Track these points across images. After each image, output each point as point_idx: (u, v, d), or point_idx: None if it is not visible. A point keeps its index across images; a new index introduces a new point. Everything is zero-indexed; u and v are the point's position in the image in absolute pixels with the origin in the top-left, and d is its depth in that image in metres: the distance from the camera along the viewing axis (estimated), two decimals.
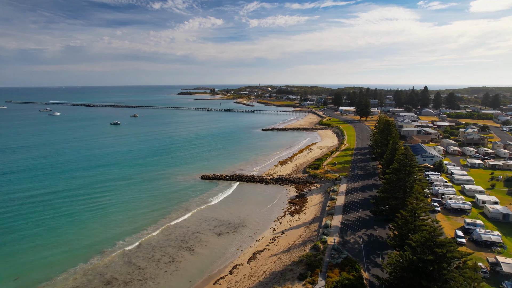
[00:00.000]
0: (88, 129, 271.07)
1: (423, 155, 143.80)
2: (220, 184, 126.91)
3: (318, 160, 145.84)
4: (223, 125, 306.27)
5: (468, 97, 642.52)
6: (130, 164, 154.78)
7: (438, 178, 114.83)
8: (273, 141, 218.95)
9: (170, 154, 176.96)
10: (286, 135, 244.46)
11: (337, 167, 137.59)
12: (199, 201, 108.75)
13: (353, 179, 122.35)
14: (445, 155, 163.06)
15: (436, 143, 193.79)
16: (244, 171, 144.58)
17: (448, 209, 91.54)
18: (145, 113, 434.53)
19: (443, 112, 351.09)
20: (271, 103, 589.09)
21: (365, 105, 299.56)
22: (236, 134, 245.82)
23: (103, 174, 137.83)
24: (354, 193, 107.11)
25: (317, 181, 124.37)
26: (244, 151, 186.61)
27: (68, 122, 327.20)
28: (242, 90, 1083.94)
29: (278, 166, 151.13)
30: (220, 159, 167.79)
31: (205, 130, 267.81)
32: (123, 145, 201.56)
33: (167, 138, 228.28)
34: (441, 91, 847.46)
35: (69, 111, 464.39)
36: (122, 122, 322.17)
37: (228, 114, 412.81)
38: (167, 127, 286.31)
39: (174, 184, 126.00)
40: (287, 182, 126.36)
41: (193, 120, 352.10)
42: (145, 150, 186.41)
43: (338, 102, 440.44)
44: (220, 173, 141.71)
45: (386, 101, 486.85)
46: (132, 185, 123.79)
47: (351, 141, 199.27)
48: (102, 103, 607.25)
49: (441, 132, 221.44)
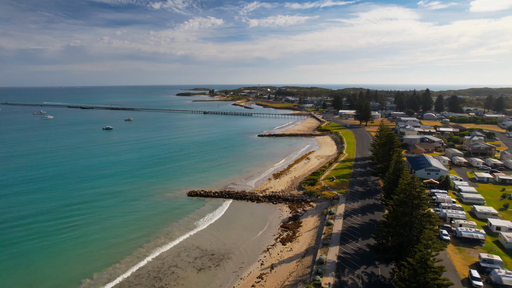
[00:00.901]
0: (78, 136, 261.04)
1: (428, 168, 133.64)
2: (208, 202, 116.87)
3: (314, 175, 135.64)
4: (218, 130, 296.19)
5: (470, 98, 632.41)
6: (114, 179, 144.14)
7: (446, 197, 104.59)
8: (269, 148, 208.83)
9: (159, 166, 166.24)
10: (283, 142, 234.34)
11: (335, 183, 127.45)
12: (182, 224, 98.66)
13: (352, 197, 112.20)
14: (450, 167, 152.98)
15: (440, 152, 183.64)
16: (236, 186, 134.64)
17: (459, 237, 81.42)
18: (141, 116, 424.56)
19: (446, 116, 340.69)
20: (270, 105, 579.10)
21: (365, 110, 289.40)
22: (231, 141, 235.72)
23: (82, 193, 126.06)
24: (353, 215, 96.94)
25: (313, 200, 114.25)
26: (238, 161, 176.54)
27: (59, 127, 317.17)
28: (241, 91, 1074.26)
29: (272, 180, 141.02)
30: (211, 171, 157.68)
31: (199, 137, 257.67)
32: (111, 154, 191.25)
33: (158, 146, 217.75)
34: (443, 92, 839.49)
35: (63, 114, 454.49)
36: (115, 127, 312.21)
37: (225, 118, 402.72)
38: (160, 133, 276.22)
39: (159, 203, 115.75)
40: (281, 200, 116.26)
41: (188, 124, 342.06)
42: (132, 161, 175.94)
43: (338, 105, 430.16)
44: (210, 188, 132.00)
45: (387, 104, 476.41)
46: (113, 206, 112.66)
47: (351, 150, 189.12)
48: (98, 105, 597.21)
49: (445, 139, 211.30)
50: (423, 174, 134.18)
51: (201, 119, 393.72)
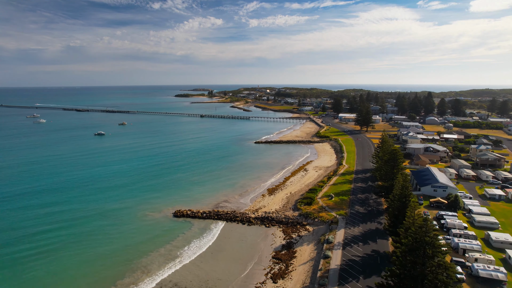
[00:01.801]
0: (67, 143, 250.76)
1: (434, 185, 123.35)
2: (195, 224, 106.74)
3: (312, 192, 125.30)
4: (214, 136, 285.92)
5: (472, 100, 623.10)
6: (95, 197, 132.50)
7: (456, 222, 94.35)
8: (265, 158, 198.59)
9: (146, 180, 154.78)
10: (280, 149, 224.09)
11: (334, 202, 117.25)
12: (164, 254, 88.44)
13: (352, 220, 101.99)
14: (457, 181, 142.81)
15: (445, 163, 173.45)
16: (228, 204, 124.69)
17: (474, 276, 71.29)
18: (136, 120, 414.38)
19: (449, 121, 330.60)
20: (269, 107, 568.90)
21: (366, 114, 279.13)
22: (226, 149, 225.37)
23: (54, 217, 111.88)
24: (353, 245, 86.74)
25: (309, 223, 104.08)
26: (232, 173, 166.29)
27: (49, 132, 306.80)
28: (240, 92, 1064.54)
29: (267, 197, 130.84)
30: (203, 185, 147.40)
31: (193, 144, 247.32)
32: (97, 166, 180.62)
33: (148, 156, 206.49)
34: (443, 93, 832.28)
35: (57, 117, 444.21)
36: (108, 132, 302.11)
37: (222, 122, 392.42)
38: (153, 140, 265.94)
39: (141, 227, 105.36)
40: (274, 222, 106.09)
41: (183, 129, 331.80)
42: (119, 174, 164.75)
43: (338, 108, 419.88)
44: (200, 206, 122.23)
45: (387, 106, 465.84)
46: (87, 233, 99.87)
47: (351, 160, 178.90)
48: (94, 108, 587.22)
49: (450, 148, 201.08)
50: (429, 191, 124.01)
51: (197, 123, 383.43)
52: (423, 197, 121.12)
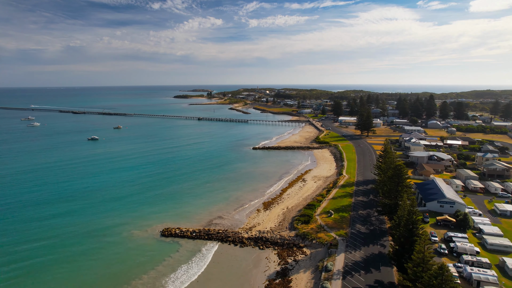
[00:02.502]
0: (59, 149, 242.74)
1: (441, 200, 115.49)
2: (183, 246, 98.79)
3: (310, 208, 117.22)
4: (210, 141, 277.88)
5: (474, 102, 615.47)
6: (80, 212, 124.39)
7: (467, 246, 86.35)
8: (262, 166, 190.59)
9: (136, 193, 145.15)
10: (279, 156, 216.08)
11: (333, 219, 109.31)
12: (145, 284, 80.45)
13: (353, 242, 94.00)
14: (464, 193, 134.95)
15: (450, 172, 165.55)
16: (221, 220, 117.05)
17: None
18: (132, 123, 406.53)
19: (452, 124, 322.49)
20: (268, 109, 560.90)
21: (366, 119, 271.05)
22: (222, 156, 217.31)
23: (35, 233, 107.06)
24: (354, 273, 78.75)
25: (306, 244, 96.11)
26: (227, 184, 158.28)
27: (42, 137, 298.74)
28: (239, 93, 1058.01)
29: (262, 212, 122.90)
30: (196, 198, 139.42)
31: (189, 150, 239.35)
32: (86, 176, 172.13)
33: (140, 164, 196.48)
34: (444, 94, 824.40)
35: (52, 120, 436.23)
36: (102, 137, 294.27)
37: (220, 125, 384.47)
38: (147, 146, 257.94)
39: (124, 250, 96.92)
40: (268, 243, 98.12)
41: (179, 134, 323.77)
42: (107, 186, 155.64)
43: (338, 111, 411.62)
44: (191, 222, 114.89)
45: (388, 109, 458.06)
46: (64, 259, 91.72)
47: (351, 170, 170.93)
48: (90, 110, 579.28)
49: (454, 155, 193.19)
50: (435, 207, 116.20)
51: (194, 126, 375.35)
52: (429, 213, 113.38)
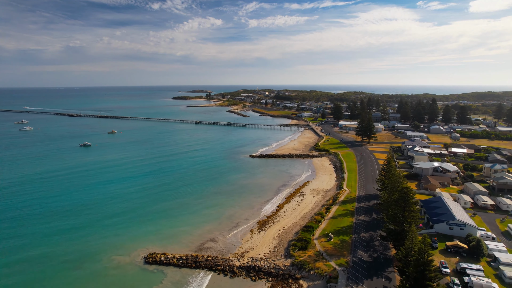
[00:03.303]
0: (48, 157, 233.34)
1: (450, 222, 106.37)
2: (168, 276, 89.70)
3: (307, 230, 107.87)
4: (206, 147, 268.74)
5: (476, 104, 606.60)
6: (54, 236, 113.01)
7: (484, 283, 77.25)
8: (259, 177, 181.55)
9: (121, 212, 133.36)
10: (276, 165, 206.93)
11: (333, 244, 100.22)
12: None
13: (355, 274, 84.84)
14: (474, 211, 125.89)
15: (457, 185, 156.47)
16: (213, 243, 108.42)
17: None
18: (128, 127, 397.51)
19: (455, 130, 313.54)
20: (267, 112, 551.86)
21: (367, 125, 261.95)
22: (217, 166, 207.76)
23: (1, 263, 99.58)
24: None
25: (303, 275, 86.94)
26: (221, 198, 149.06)
27: (33, 143, 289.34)
28: (239, 94, 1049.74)
29: (256, 233, 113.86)
30: (186, 216, 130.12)
31: (183, 159, 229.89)
32: (69, 191, 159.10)
33: (130, 177, 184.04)
34: (445, 96, 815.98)
35: (46, 124, 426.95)
36: (95, 143, 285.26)
37: (217, 130, 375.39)
38: (139, 153, 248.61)
39: (101, 284, 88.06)
40: (262, 273, 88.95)
41: (175, 139, 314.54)
42: (90, 203, 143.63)
43: (338, 114, 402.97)
44: (179, 245, 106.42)
45: (389, 111, 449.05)
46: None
47: (352, 182, 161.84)
48: (86, 113, 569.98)
49: (460, 165, 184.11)
50: (444, 229, 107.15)
51: (191, 131, 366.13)
52: (437, 236, 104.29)
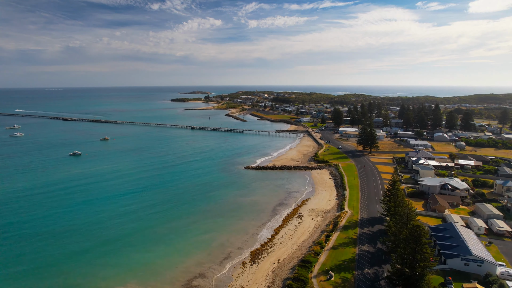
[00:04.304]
0: (32, 171, 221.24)
1: (466, 257, 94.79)
2: None
3: (304, 266, 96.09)
4: (201, 157, 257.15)
5: (479, 108, 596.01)
6: (20, 275, 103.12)
7: None
8: (254, 193, 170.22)
9: (99, 246, 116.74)
10: (273, 179, 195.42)
11: (333, 284, 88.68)
12: None
13: None
14: (489, 237, 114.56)
15: (468, 206, 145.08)
16: (202, 278, 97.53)
17: None
18: (122, 133, 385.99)
19: (459, 137, 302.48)
20: (265, 116, 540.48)
21: (369, 135, 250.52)
22: (210, 181, 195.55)
23: None
24: None
25: None
26: (211, 221, 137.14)
27: (20, 153, 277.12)
28: (238, 96, 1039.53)
29: (248, 267, 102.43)
30: (172, 245, 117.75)
31: (175, 173, 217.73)
32: (47, 213, 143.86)
33: (114, 195, 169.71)
34: (447, 98, 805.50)
35: (38, 130, 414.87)
36: (85, 152, 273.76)
37: (213, 136, 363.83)
38: (130, 164, 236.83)
39: None
40: None
41: (169, 148, 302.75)
42: (66, 229, 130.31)
43: (338, 120, 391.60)
44: (160, 284, 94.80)
45: (390, 116, 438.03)
46: None
47: (354, 202, 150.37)
48: (81, 117, 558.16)
49: (469, 180, 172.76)
50: (459, 265, 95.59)
51: (187, 138, 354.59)
52: (451, 274, 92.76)
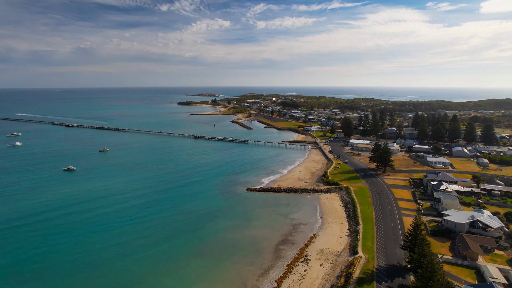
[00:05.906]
0: (19, 192, 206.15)
1: None
2: None
3: None
4: (200, 175, 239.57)
5: (496, 114, 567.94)
6: None
7: None
8: (254, 226, 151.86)
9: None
10: (277, 205, 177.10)
11: None
12: None
13: None
14: None
15: (505, 250, 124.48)
16: None
17: None
18: (122, 142, 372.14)
19: (481, 152, 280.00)
20: (272, 124, 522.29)
21: (384, 152, 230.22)
22: (207, 206, 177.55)
23: None
24: None
25: None
26: (202, 269, 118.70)
27: (12, 168, 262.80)
28: (245, 100, 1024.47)
29: None
30: None
31: (169, 197, 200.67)
32: (16, 251, 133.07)
33: (97, 224, 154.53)
34: (461, 103, 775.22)
35: (38, 138, 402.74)
36: (80, 166, 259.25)
37: (217, 148, 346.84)
38: (122, 185, 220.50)
39: None
40: None
41: (168, 163, 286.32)
42: (40, 271, 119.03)
43: (348, 131, 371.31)
44: None
45: (404, 125, 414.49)
46: None
47: (369, 242, 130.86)
48: (85, 123, 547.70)
49: (502, 213, 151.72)
50: None
51: (189, 149, 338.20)
52: None
